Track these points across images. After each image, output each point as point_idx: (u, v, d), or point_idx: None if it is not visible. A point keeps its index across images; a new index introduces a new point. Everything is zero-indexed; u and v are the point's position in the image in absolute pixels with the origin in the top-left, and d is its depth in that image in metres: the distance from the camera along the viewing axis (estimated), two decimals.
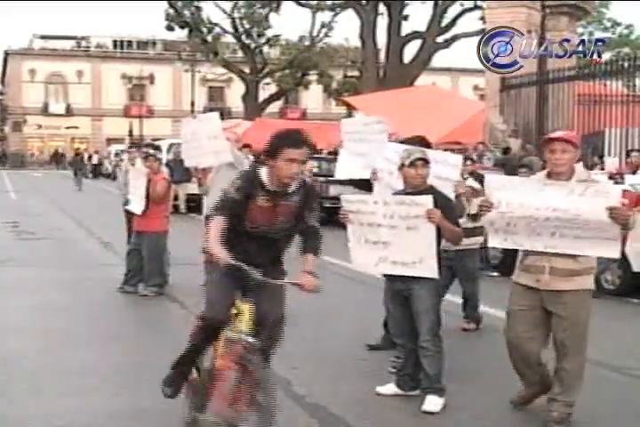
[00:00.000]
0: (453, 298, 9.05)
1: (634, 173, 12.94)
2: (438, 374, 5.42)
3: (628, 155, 14.69)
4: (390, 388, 5.66)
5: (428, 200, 5.35)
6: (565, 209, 4.87)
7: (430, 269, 5.40)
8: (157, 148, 10.12)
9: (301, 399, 5.54)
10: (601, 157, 16.18)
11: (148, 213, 9.34)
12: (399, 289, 5.55)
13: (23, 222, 17.84)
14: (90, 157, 48.63)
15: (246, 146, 16.22)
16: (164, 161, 10.38)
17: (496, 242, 5.25)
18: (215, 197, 8.47)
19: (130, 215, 10.18)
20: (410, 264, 5.43)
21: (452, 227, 5.44)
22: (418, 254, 5.40)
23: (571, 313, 5.08)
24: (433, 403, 5.34)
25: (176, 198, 19.12)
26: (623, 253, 9.84)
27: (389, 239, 5.49)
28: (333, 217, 8.09)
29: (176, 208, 19.05)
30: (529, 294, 5.14)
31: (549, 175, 5.08)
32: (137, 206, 9.41)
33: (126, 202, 10.07)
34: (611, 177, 10.42)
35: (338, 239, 6.41)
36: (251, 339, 4.31)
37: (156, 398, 5.54)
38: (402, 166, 5.52)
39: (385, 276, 5.72)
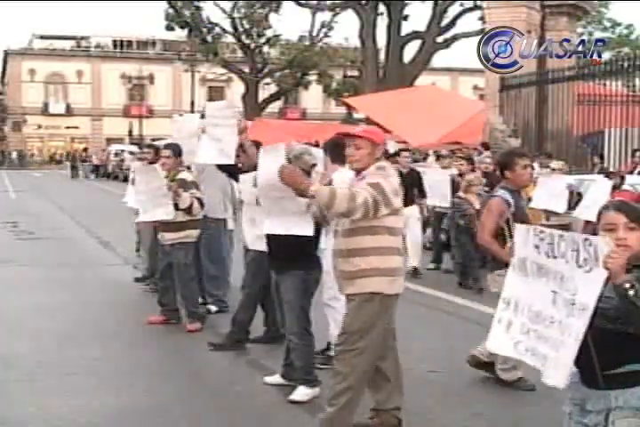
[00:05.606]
0: (454, 298, 9.08)
1: (631, 172, 12.95)
2: (306, 366, 5.56)
3: (633, 155, 14.72)
4: (275, 378, 5.82)
5: None
6: (272, 173, 4.52)
7: None
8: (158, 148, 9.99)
9: None
10: (601, 156, 16.20)
11: None
12: (275, 280, 5.72)
13: (23, 222, 17.83)
14: (89, 157, 48.60)
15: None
16: None
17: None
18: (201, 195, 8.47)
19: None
20: None
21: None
22: None
23: (346, 320, 4.66)
24: (300, 393, 5.50)
25: None
26: None
27: None
28: None
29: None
30: None
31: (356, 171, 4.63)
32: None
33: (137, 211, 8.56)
34: (608, 176, 10.39)
35: None
36: None
37: (156, 397, 5.56)
38: None
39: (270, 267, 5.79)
